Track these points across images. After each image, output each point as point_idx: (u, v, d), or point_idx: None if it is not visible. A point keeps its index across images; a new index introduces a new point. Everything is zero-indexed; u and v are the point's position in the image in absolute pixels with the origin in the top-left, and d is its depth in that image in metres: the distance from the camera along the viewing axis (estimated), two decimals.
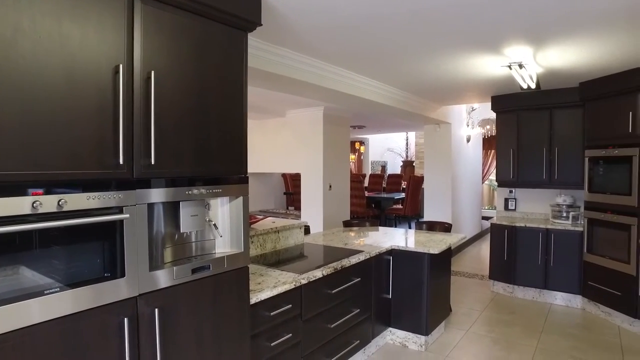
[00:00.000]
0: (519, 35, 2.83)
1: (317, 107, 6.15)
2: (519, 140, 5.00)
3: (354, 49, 3.16)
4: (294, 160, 6.61)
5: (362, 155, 13.06)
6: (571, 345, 3.58)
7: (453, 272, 5.84)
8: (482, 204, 9.56)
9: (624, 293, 3.90)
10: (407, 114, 5.47)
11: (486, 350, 3.51)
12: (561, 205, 4.80)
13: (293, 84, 3.58)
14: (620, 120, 3.96)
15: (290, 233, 3.46)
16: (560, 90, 4.64)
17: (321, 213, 6.15)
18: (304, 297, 2.52)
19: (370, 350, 3.37)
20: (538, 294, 4.75)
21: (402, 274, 3.47)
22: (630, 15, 2.50)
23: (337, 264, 2.80)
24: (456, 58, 3.41)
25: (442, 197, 6.53)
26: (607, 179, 4.18)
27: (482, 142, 8.33)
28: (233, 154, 1.96)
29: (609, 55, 3.35)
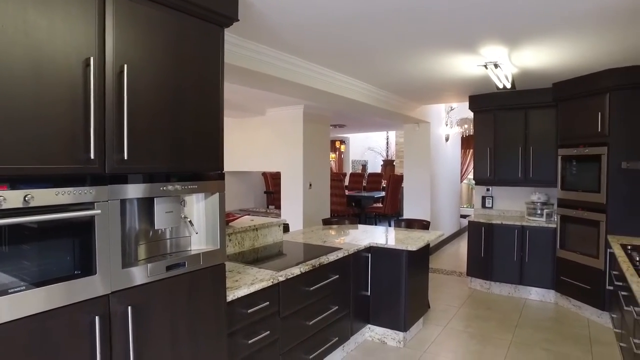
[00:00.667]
0: (494, 35, 2.88)
1: (297, 106, 6.14)
2: (496, 139, 5.10)
3: (333, 47, 3.17)
4: (274, 158, 6.59)
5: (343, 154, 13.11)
6: (543, 338, 3.68)
7: (432, 270, 5.92)
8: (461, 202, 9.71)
9: (593, 287, 4.03)
10: (386, 112, 5.52)
11: (463, 345, 3.57)
12: (536, 202, 4.91)
13: (271, 81, 3.57)
14: (590, 121, 4.08)
15: (269, 231, 3.45)
16: (535, 90, 4.76)
17: (301, 211, 6.15)
18: (282, 295, 2.51)
19: (349, 347, 3.39)
20: (514, 290, 4.86)
21: (380, 271, 3.50)
22: (598, 18, 2.58)
23: (315, 261, 2.81)
24: (434, 57, 3.45)
25: (422, 195, 6.61)
26: (578, 177, 4.30)
27: (460, 142, 8.46)
28: (209, 150, 1.94)
29: (580, 57, 3.45)
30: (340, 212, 7.99)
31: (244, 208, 8.37)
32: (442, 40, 3.00)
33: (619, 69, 3.79)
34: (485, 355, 3.36)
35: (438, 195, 6.96)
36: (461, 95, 5.26)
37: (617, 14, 2.51)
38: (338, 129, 10.04)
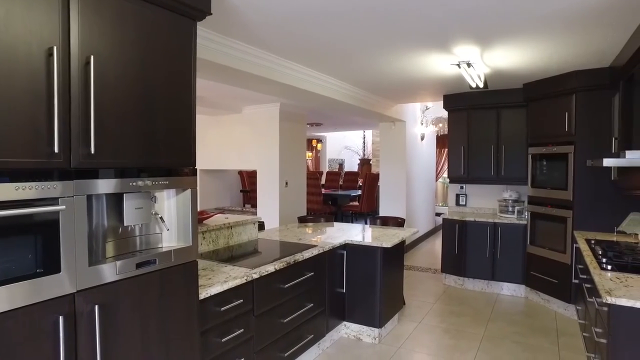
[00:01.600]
0: (467, 35, 2.93)
1: (273, 104, 6.11)
2: (469, 137, 5.20)
3: (307, 44, 3.16)
4: (250, 157, 6.54)
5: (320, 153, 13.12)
6: (514, 331, 3.78)
7: (407, 267, 5.99)
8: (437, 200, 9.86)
9: (560, 281, 4.15)
10: (362, 111, 5.54)
11: (437, 340, 3.63)
12: (507, 200, 5.03)
13: (246, 78, 3.53)
14: (557, 120, 4.21)
15: (244, 229, 3.42)
16: (506, 90, 4.87)
17: (277, 210, 6.12)
18: (256, 292, 2.49)
19: (324, 345, 3.39)
20: (486, 285, 4.96)
21: (355, 268, 3.52)
22: (565, 21, 2.66)
23: (289, 259, 2.79)
24: (409, 56, 3.49)
25: (397, 193, 6.67)
26: (547, 175, 4.43)
27: (436, 141, 8.59)
28: (181, 146, 1.90)
29: (548, 58, 3.54)
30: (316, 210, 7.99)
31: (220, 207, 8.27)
32: (416, 39, 3.03)
33: (584, 71, 3.92)
34: (458, 350, 3.42)
35: (413, 193, 7.04)
36: (436, 94, 5.34)
37: (582, 17, 2.59)
38: (315, 128, 10.04)
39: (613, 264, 2.58)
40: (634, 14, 2.56)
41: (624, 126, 3.29)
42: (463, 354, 3.35)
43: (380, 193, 6.93)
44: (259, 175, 6.41)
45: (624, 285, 2.19)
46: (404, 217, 4.99)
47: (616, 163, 2.89)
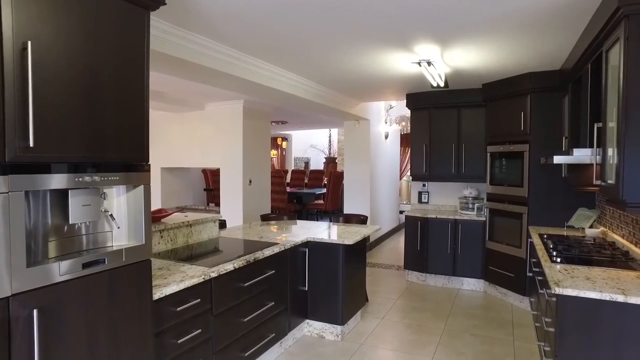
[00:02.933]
0: (426, 34, 2.97)
1: (236, 101, 6.01)
2: (431, 136, 5.30)
3: (268, 38, 3.11)
4: (213, 154, 6.40)
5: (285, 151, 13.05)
6: (472, 325, 3.88)
7: (372, 264, 6.05)
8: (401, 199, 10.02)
9: (516, 274, 4.31)
10: (326, 109, 5.54)
11: (399, 335, 3.67)
12: (467, 197, 5.16)
13: (206, 73, 3.45)
14: (514, 120, 4.35)
15: (204, 227, 3.33)
16: (467, 90, 4.99)
17: (241, 208, 6.03)
18: (215, 291, 2.43)
19: (287, 343, 3.36)
20: (447, 281, 5.08)
21: (318, 266, 3.51)
22: (518, 23, 2.74)
23: (249, 257, 2.74)
24: (371, 53, 3.50)
25: (361, 191, 6.72)
26: (504, 172, 4.57)
27: (400, 139, 8.71)
28: (133, 140, 1.82)
29: (504, 59, 3.65)
30: (281, 208, 7.94)
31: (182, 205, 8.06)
32: (377, 37, 3.05)
33: (537, 73, 4.07)
34: (419, 344, 3.47)
35: (378, 191, 7.11)
36: (399, 93, 5.41)
37: (534, 20, 2.67)
38: (280, 126, 9.97)
39: (562, 257, 2.68)
40: (579, 20, 2.67)
41: (572, 126, 3.43)
42: (424, 348, 3.40)
43: (344, 191, 6.96)
44: (222, 173, 6.29)
45: (571, 276, 2.28)
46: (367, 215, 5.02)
47: (565, 160, 3.01)
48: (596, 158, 2.57)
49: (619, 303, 1.98)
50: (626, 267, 2.48)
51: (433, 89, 4.74)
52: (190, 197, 8.61)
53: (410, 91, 5.27)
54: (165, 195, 7.20)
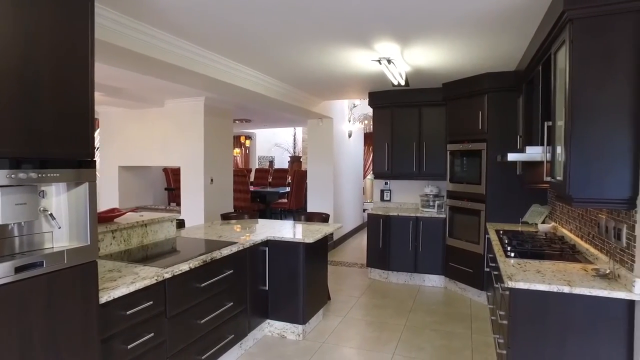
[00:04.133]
0: (386, 32, 2.98)
1: (197, 98, 5.85)
2: (393, 134, 5.35)
3: (226, 33, 3.04)
4: (174, 153, 6.22)
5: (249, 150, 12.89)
6: (433, 320, 3.94)
7: (335, 262, 6.06)
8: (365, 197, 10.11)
9: (474, 270, 4.42)
10: (289, 107, 5.50)
11: (361, 333, 3.68)
12: (428, 195, 5.25)
13: (162, 67, 3.32)
14: (472, 119, 4.46)
15: (161, 227, 3.22)
16: (427, 89, 5.07)
17: (202, 208, 5.88)
18: (169, 293, 2.34)
19: (247, 344, 3.30)
20: (409, 278, 5.15)
21: (278, 265, 3.46)
22: (474, 24, 2.80)
23: (206, 256, 2.67)
24: (331, 50, 3.49)
25: (325, 190, 6.72)
26: (463, 170, 4.68)
27: (364, 138, 8.78)
28: (76, 134, 1.72)
29: (462, 59, 3.73)
30: (244, 207, 7.82)
31: (142, 205, 7.79)
32: (337, 34, 3.03)
33: (494, 73, 4.19)
34: (381, 341, 3.49)
35: (341, 190, 7.13)
36: (362, 91, 5.43)
37: (489, 21, 2.74)
38: (244, 124, 9.82)
39: (516, 252, 2.76)
40: (530, 23, 2.76)
41: (526, 125, 3.55)
42: (385, 345, 3.42)
43: (308, 190, 6.94)
44: (183, 172, 6.12)
45: (523, 270, 2.34)
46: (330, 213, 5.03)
47: (518, 158, 3.10)
48: (546, 155, 2.66)
49: (565, 294, 2.06)
50: (573, 259, 2.58)
51: (394, 87, 4.79)
52: (150, 197, 8.34)
53: (372, 90, 5.30)
54: (123, 194, 6.93)
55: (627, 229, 2.08)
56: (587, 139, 2.07)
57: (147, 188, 8.15)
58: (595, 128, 2.06)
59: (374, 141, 5.53)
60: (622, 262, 2.14)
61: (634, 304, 1.98)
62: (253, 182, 10.35)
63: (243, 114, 8.10)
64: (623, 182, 2.01)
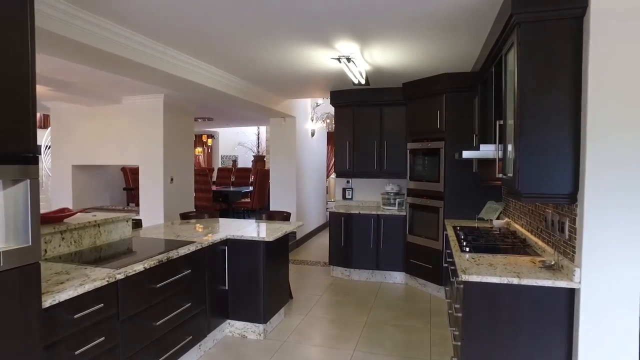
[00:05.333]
0: (345, 30, 3.00)
1: (156, 94, 5.69)
2: (354, 133, 5.40)
3: (181, 28, 2.96)
4: (132, 151, 6.02)
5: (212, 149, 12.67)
6: (393, 316, 4.01)
7: (298, 261, 6.05)
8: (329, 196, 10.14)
9: (434, 266, 4.53)
10: (251, 105, 5.44)
11: (322, 331, 3.69)
12: (389, 193, 5.33)
13: (116, 62, 3.21)
14: (431, 118, 4.57)
15: (115, 227, 3.10)
16: (388, 89, 5.15)
17: (161, 207, 5.73)
18: (122, 294, 2.26)
19: (207, 345, 3.23)
20: (371, 275, 5.21)
21: (238, 264, 3.42)
22: (431, 25, 2.86)
23: (162, 256, 2.59)
24: (291, 48, 3.47)
25: (288, 189, 6.70)
26: (423, 168, 4.79)
27: (327, 137, 8.81)
28: (14, 127, 1.62)
29: (421, 60, 3.81)
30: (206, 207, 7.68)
31: (97, 206, 7.50)
32: (296, 31, 3.02)
33: (451, 74, 4.31)
34: (342, 338, 3.51)
35: (304, 189, 7.13)
36: (324, 90, 5.45)
37: (446, 22, 2.81)
38: (206, 123, 9.64)
39: (471, 246, 2.85)
40: (484, 25, 2.85)
41: (481, 124, 3.67)
42: (346, 342, 3.45)
43: (270, 189, 6.90)
44: (142, 171, 5.94)
45: (477, 263, 2.42)
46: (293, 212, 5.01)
47: (472, 155, 3.21)
48: (498, 153, 2.76)
49: (515, 285, 2.14)
50: (523, 253, 2.69)
51: (355, 86, 4.83)
52: (107, 197, 8.04)
53: (334, 88, 5.33)
54: (77, 195, 6.64)
55: (570, 222, 2.19)
56: (534, 137, 2.17)
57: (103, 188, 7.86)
58: (541, 127, 2.15)
59: (335, 140, 5.56)
60: (565, 253, 2.25)
61: (574, 292, 2.09)
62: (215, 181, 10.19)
63: (205, 112, 7.95)
64: (566, 178, 2.12)
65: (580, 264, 2.04)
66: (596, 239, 2.00)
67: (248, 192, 8.74)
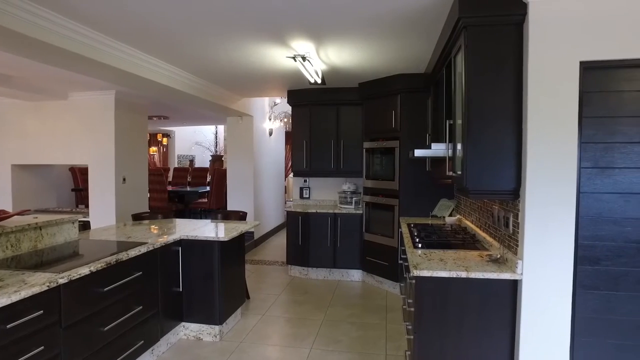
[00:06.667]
0: (300, 28, 2.99)
1: (107, 91, 5.46)
2: (312, 132, 5.42)
3: (130, 21, 2.84)
4: (80, 150, 5.73)
5: (167, 149, 12.31)
6: (350, 313, 4.06)
7: (256, 261, 6.00)
8: (288, 196, 10.12)
9: (390, 263, 4.62)
10: (206, 103, 5.34)
11: (280, 330, 3.68)
12: (346, 191, 5.39)
13: (60, 54, 3.03)
14: (386, 118, 4.66)
15: (59, 229, 2.95)
16: (345, 88, 5.20)
17: (113, 209, 5.50)
18: (65, 300, 2.15)
19: (160, 349, 3.14)
20: (329, 273, 5.24)
21: (193, 265, 3.34)
22: (385, 26, 2.92)
23: (111, 258, 2.49)
24: (246, 45, 3.43)
25: (245, 189, 6.62)
26: (379, 167, 4.88)
27: (285, 137, 8.78)
28: None
29: (376, 60, 3.88)
30: (161, 208, 7.46)
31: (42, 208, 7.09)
32: (249, 28, 2.99)
33: (406, 75, 4.41)
34: (299, 336, 3.52)
35: (262, 188, 7.07)
36: (281, 89, 5.43)
37: (397, 24, 2.87)
38: (161, 121, 9.35)
39: (423, 243, 2.93)
40: (436, 27, 2.94)
41: (434, 124, 3.79)
42: (303, 340, 3.45)
43: (228, 189, 6.80)
44: (91, 171, 5.68)
45: (428, 259, 2.50)
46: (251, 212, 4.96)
47: (424, 154, 3.30)
48: (449, 152, 2.86)
49: (463, 279, 2.23)
50: (473, 247, 2.80)
51: (311, 85, 4.85)
52: (53, 199, 7.62)
53: (291, 88, 5.33)
54: (17, 196, 6.25)
55: (513, 218, 2.30)
56: (481, 136, 2.26)
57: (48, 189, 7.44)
58: (487, 127, 2.25)
59: (292, 139, 5.56)
60: (509, 247, 2.36)
61: (517, 283, 2.21)
62: (171, 181, 9.90)
63: (159, 111, 7.71)
64: (510, 175, 2.22)
65: (522, 256, 2.14)
66: (536, 232, 2.12)
67: (205, 192, 8.56)
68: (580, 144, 2.10)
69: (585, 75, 2.09)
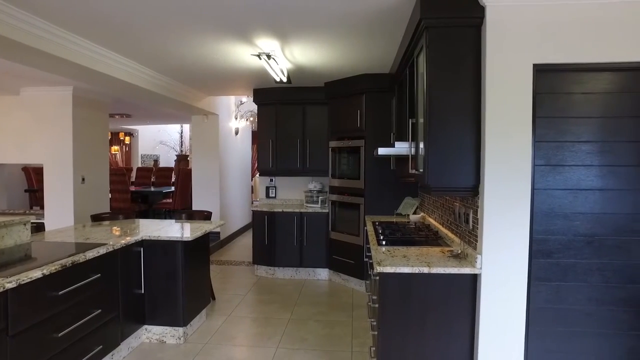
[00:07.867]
0: (263, 25, 2.97)
1: (64, 87, 5.22)
2: (277, 131, 5.40)
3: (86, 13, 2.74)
4: (35, 149, 5.46)
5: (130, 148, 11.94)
6: (317, 311, 4.07)
7: (221, 262, 5.91)
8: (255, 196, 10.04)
9: (355, 261, 4.67)
10: (170, 101, 5.22)
11: (245, 330, 3.65)
12: (312, 190, 5.40)
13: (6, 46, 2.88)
14: (352, 117, 4.71)
15: (9, 231, 2.80)
16: (310, 88, 5.21)
17: (71, 210, 5.27)
18: (12, 305, 2.03)
19: (120, 354, 3.04)
20: (295, 272, 5.24)
21: (155, 266, 3.26)
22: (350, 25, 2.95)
23: (66, 261, 2.39)
24: (210, 42, 3.37)
25: (211, 189, 6.52)
26: (344, 166, 4.92)
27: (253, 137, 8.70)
28: None
29: (342, 60, 3.91)
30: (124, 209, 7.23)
31: None
32: (213, 25, 2.95)
33: (371, 75, 4.47)
34: (265, 336, 3.50)
35: (228, 188, 6.98)
36: (246, 87, 5.38)
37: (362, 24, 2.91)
38: (124, 120, 9.07)
39: (387, 240, 2.98)
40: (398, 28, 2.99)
41: (398, 123, 3.85)
42: (269, 339, 3.43)
43: (193, 189, 6.67)
44: (47, 170, 5.42)
45: (392, 255, 2.54)
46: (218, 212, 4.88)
47: (387, 152, 3.36)
48: (412, 150, 2.92)
49: (425, 274, 2.28)
50: (435, 244, 2.87)
51: (277, 84, 4.83)
52: (4, 200, 7.24)
53: (257, 86, 5.29)
54: None
55: (473, 214, 2.38)
56: (441, 135, 2.32)
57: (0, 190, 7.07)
58: (447, 125, 2.31)
59: (258, 138, 5.53)
60: (469, 242, 2.44)
61: (476, 277, 2.28)
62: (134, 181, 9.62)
63: (121, 108, 7.46)
64: (469, 172, 2.29)
65: (481, 251, 2.22)
66: (494, 227, 2.20)
67: (170, 192, 8.36)
68: (535, 142, 2.20)
69: (539, 78, 2.19)
